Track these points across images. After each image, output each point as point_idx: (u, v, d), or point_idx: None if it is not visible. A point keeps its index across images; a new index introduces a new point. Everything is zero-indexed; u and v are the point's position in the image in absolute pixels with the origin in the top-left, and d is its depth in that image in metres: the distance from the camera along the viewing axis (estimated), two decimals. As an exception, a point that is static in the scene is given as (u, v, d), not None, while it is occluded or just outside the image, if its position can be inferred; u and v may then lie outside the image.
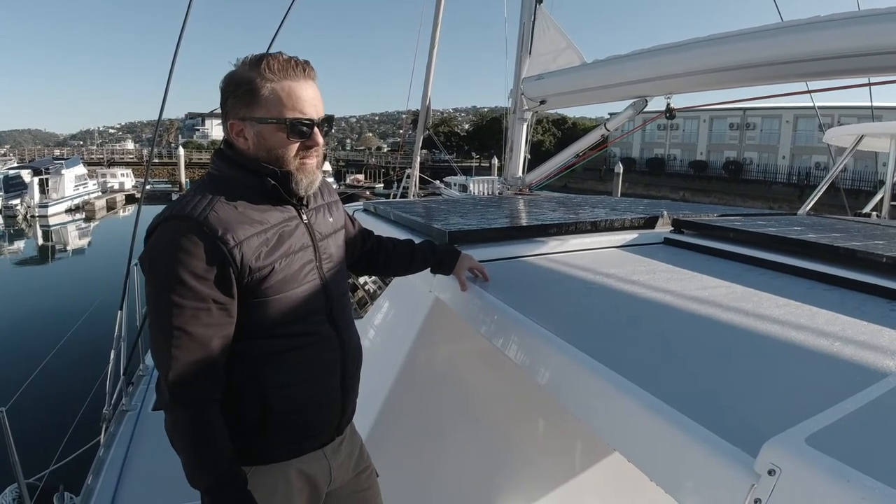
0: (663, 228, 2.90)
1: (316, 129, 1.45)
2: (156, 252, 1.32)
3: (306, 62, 1.44)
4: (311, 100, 1.43)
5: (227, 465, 1.34)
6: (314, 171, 1.50)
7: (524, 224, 2.66)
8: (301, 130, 1.42)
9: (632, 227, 2.85)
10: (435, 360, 2.27)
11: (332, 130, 1.67)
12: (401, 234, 2.71)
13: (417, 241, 2.41)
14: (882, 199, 7.20)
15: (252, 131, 1.41)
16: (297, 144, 1.43)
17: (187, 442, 1.32)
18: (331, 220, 1.65)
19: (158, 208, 1.45)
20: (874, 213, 6.95)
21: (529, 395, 2.44)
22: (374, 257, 1.93)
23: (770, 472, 0.81)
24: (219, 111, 1.47)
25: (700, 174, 48.79)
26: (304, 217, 1.53)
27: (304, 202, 1.54)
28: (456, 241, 2.32)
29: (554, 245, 2.45)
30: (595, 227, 2.74)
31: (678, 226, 2.89)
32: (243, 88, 1.39)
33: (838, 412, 0.94)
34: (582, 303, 1.80)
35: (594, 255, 2.45)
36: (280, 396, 1.44)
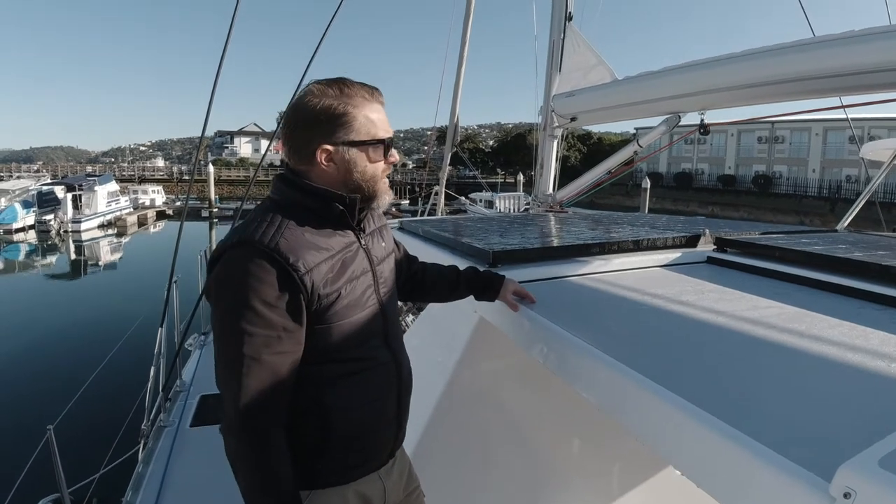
0: (706, 247, 2.88)
1: (393, 148, 1.53)
2: (224, 279, 1.32)
3: (376, 87, 1.51)
4: (387, 121, 1.50)
5: (289, 491, 1.35)
6: (388, 189, 1.57)
7: (566, 243, 2.65)
8: (391, 149, 1.51)
9: (674, 246, 2.83)
10: (479, 380, 2.27)
11: None
12: (440, 253, 2.73)
13: (458, 260, 2.42)
14: None
15: (345, 156, 1.44)
16: (384, 164, 1.51)
17: (251, 467, 1.32)
18: (384, 244, 1.66)
19: (190, 224, 1.46)
20: None
21: (574, 415, 2.44)
22: (419, 282, 1.94)
23: (846, 496, 0.81)
24: (248, 129, 1.49)
25: (729, 188, 48.27)
26: (363, 242, 1.54)
27: (362, 227, 1.55)
28: (499, 260, 2.33)
29: (598, 265, 2.44)
30: (637, 246, 2.73)
31: (721, 244, 2.86)
32: (335, 114, 1.41)
33: None
34: (633, 323, 1.79)
35: (639, 274, 2.44)
36: (341, 420, 1.45)
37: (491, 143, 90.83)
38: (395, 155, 1.53)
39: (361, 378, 1.49)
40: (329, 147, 1.43)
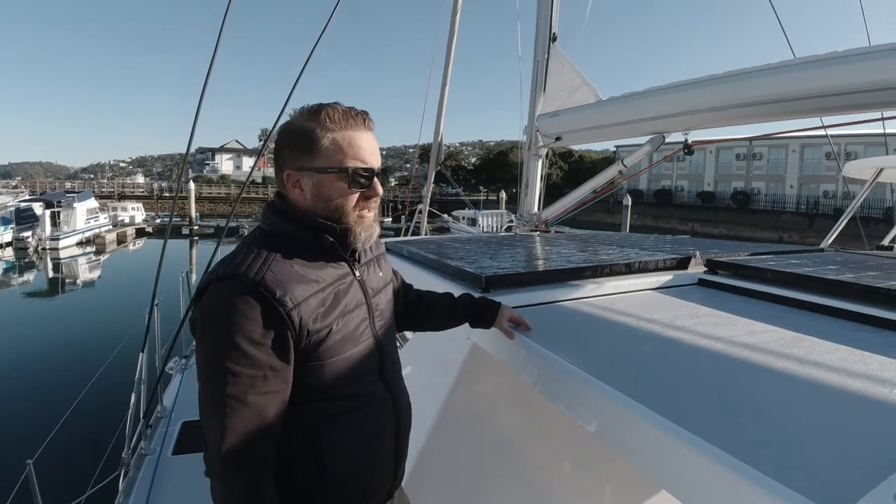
0: (696, 269, 2.88)
1: (375, 179, 1.41)
2: (209, 314, 1.25)
3: (365, 112, 1.42)
4: (370, 149, 1.39)
5: None
6: (372, 224, 1.45)
7: (558, 267, 2.63)
8: (361, 180, 1.37)
9: (665, 269, 2.83)
10: (473, 407, 2.24)
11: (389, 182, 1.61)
12: (430, 276, 2.70)
13: (448, 284, 2.39)
14: None
15: (310, 182, 1.36)
16: (356, 195, 1.39)
17: None
18: (380, 274, 1.59)
19: (170, 242, 1.41)
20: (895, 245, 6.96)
21: (568, 440, 2.41)
22: (415, 311, 1.87)
23: None
24: (230, 145, 1.45)
25: (708, 205, 48.83)
26: (357, 273, 1.47)
27: (357, 257, 1.47)
28: (492, 285, 2.31)
29: (591, 288, 2.43)
30: (629, 269, 2.72)
31: (712, 266, 2.87)
32: (302, 138, 1.35)
33: None
34: (629, 350, 1.78)
35: (632, 298, 2.43)
36: (335, 461, 1.37)
37: (473, 160, 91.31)
38: (375, 188, 1.41)
39: (356, 416, 1.41)
40: (293, 172, 1.37)
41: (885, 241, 7.17)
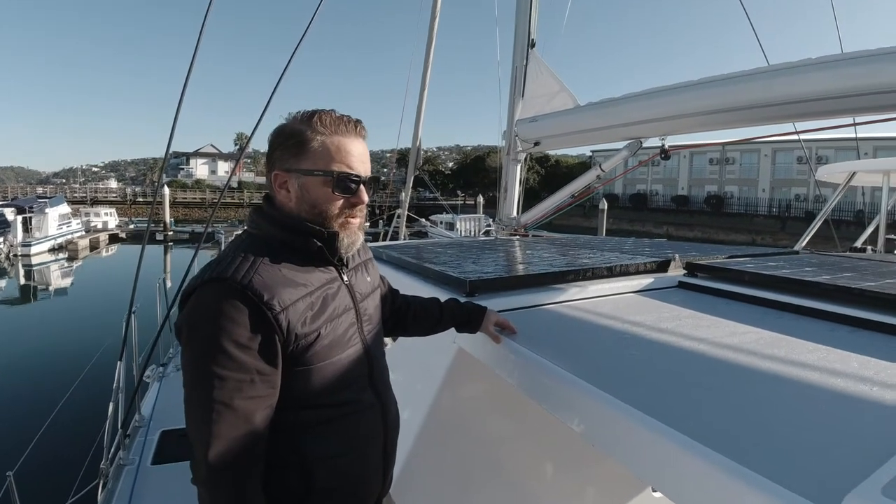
0: (676, 272, 2.93)
1: (362, 187, 1.41)
2: (195, 318, 1.24)
3: (358, 121, 1.42)
4: (359, 156, 1.40)
5: None
6: (356, 231, 1.45)
7: (542, 271, 2.66)
8: (347, 186, 1.38)
9: (646, 272, 2.87)
10: (459, 410, 2.24)
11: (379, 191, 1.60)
12: (413, 281, 2.71)
13: (432, 288, 2.39)
14: (875, 233, 7.41)
15: (296, 184, 1.36)
16: (341, 201, 1.38)
17: None
18: (368, 279, 1.58)
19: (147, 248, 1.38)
20: (869, 247, 7.12)
21: (554, 441, 2.43)
22: (402, 317, 1.86)
23: None
24: (205, 150, 1.43)
25: (682, 209, 49.45)
26: (345, 278, 1.46)
27: (345, 262, 1.47)
28: (476, 289, 2.32)
29: (574, 292, 2.45)
30: (611, 273, 2.76)
31: (691, 269, 2.92)
32: (293, 140, 1.35)
33: None
34: (614, 352, 1.80)
35: (614, 301, 2.46)
36: (324, 470, 1.36)
37: (451, 165, 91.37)
38: (361, 195, 1.41)
39: (345, 424, 1.40)
40: (280, 172, 1.38)
41: (858, 243, 7.35)
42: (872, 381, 1.44)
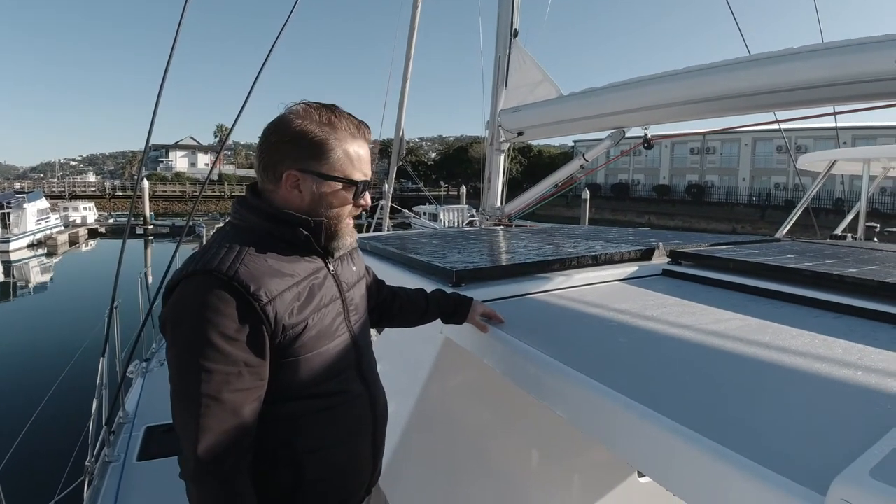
0: (660, 260, 2.95)
1: (367, 191, 1.46)
2: (180, 311, 1.22)
3: (367, 124, 1.44)
4: (369, 162, 1.43)
5: None
6: (353, 229, 1.50)
7: (527, 260, 2.66)
8: (363, 192, 1.43)
9: (630, 260, 2.89)
10: (447, 401, 2.24)
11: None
12: (399, 272, 2.70)
13: (418, 279, 2.39)
14: (855, 221, 7.52)
15: (312, 185, 1.36)
16: (352, 205, 1.43)
17: None
18: (354, 268, 1.58)
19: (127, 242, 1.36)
20: (849, 234, 7.22)
21: (542, 432, 2.45)
22: (388, 308, 1.86)
23: None
24: (184, 142, 1.41)
25: (664, 198, 49.84)
26: (331, 267, 1.46)
27: (331, 252, 1.46)
28: (463, 280, 2.31)
29: (559, 280, 2.46)
30: (596, 261, 2.77)
31: (675, 257, 2.94)
32: (313, 142, 1.34)
33: (891, 442, 0.97)
34: (602, 339, 1.80)
35: (600, 289, 2.47)
36: (313, 462, 1.36)
37: (433, 155, 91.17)
38: (366, 198, 1.45)
39: (334, 415, 1.40)
40: (296, 173, 1.35)
41: (838, 231, 7.45)
42: (857, 365, 1.46)
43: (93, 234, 38.23)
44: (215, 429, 1.18)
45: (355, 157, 1.39)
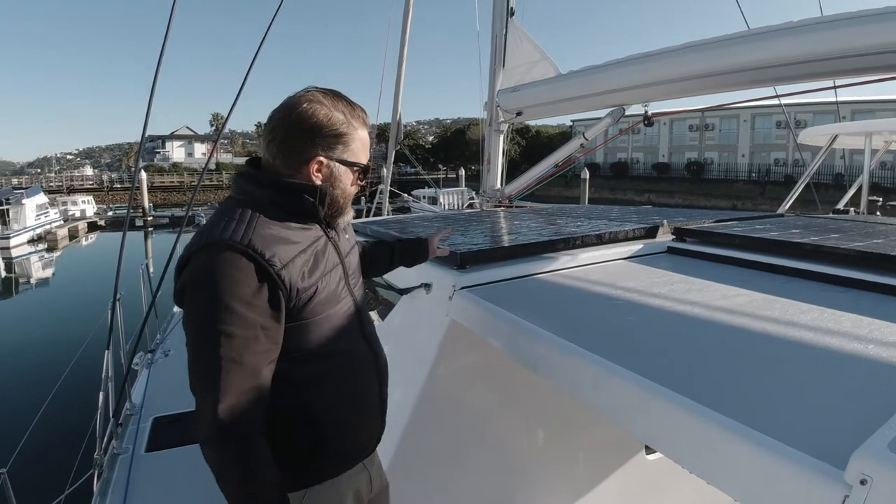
0: (664, 237, 2.94)
1: None
2: (198, 279, 1.27)
3: (363, 108, 1.53)
4: (368, 147, 1.54)
5: (277, 496, 1.30)
6: (351, 205, 1.59)
7: (531, 241, 2.65)
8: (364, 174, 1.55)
9: (635, 238, 2.88)
10: (453, 382, 2.25)
11: None
12: None
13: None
14: (857, 196, 7.49)
15: (333, 171, 1.46)
16: (357, 185, 1.55)
17: (237, 475, 1.25)
18: (347, 236, 1.66)
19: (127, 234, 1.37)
20: (851, 208, 7.19)
21: (549, 411, 2.45)
22: (366, 261, 1.94)
23: (862, 482, 0.82)
24: (181, 132, 1.44)
25: (663, 176, 49.69)
26: (330, 235, 1.53)
27: (328, 222, 1.54)
28: (467, 261, 2.31)
29: (565, 260, 2.45)
30: (600, 240, 2.76)
31: (680, 234, 2.93)
32: (339, 131, 1.43)
33: None
34: (608, 317, 1.80)
35: (605, 268, 2.46)
36: (328, 421, 1.44)
37: (431, 138, 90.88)
38: (363, 179, 1.57)
39: (343, 374, 1.48)
40: (324, 159, 1.43)
41: (840, 205, 7.42)
42: (867, 339, 1.45)
43: (92, 227, 38.25)
44: (236, 390, 1.23)
45: (363, 144, 1.50)
